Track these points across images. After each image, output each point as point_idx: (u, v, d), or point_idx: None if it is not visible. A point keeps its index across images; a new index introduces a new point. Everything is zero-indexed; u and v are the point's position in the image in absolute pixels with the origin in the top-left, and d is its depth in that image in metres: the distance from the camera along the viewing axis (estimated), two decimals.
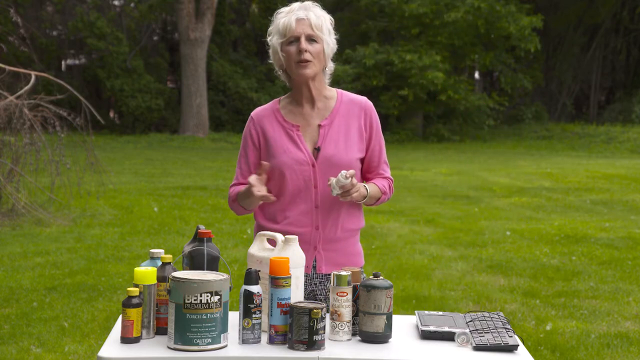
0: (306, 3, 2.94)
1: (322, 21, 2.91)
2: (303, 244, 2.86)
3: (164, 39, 32.03)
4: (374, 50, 26.59)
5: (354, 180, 2.78)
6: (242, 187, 2.96)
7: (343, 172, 2.76)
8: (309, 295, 2.96)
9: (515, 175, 16.15)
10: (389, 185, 3.05)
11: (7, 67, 9.94)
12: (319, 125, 2.96)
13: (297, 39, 2.88)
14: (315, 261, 2.96)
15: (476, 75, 34.13)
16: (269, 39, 2.97)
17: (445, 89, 26.40)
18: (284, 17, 2.91)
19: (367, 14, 28.66)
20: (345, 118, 2.98)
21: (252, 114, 3.05)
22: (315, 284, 2.97)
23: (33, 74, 10.11)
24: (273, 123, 2.98)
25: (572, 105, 33.69)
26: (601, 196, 12.92)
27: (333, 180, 2.79)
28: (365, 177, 3.05)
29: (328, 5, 29.61)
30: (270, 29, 2.97)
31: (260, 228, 2.97)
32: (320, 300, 2.95)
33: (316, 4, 2.97)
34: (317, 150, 2.93)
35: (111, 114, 29.11)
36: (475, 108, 27.89)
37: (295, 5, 2.93)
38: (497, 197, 12.69)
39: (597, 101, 34.12)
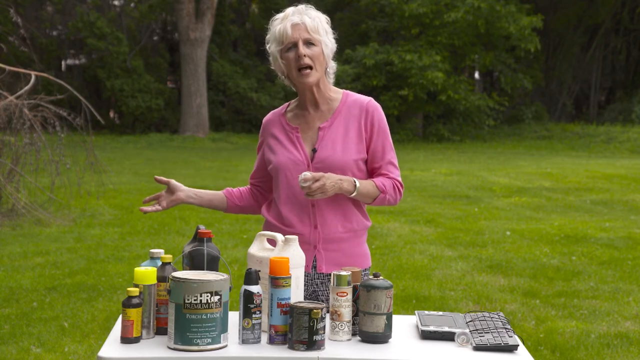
0: (300, 7, 2.93)
1: (318, 22, 2.90)
2: (303, 243, 2.86)
3: (164, 39, 32.01)
4: (374, 50, 26.57)
5: (317, 184, 2.76)
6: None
7: (300, 175, 2.78)
8: (311, 295, 2.96)
9: (515, 175, 16.14)
10: (393, 186, 2.96)
11: (7, 67, 9.93)
12: (319, 128, 2.98)
13: (294, 45, 2.89)
14: (315, 261, 2.95)
15: (476, 75, 34.09)
16: (267, 46, 2.98)
17: (445, 89, 26.38)
18: (279, 24, 2.91)
19: (367, 14, 28.65)
20: (346, 119, 2.98)
21: (263, 119, 3.14)
22: (317, 284, 2.97)
23: (33, 74, 10.10)
24: (278, 127, 3.04)
25: (572, 105, 33.67)
26: (601, 196, 12.92)
27: (301, 176, 2.79)
28: (369, 177, 3.02)
29: (328, 5, 29.58)
30: (267, 36, 2.97)
31: (268, 225, 3.01)
32: (322, 300, 2.94)
33: (310, 5, 2.96)
34: (314, 152, 2.95)
35: (111, 114, 29.10)
36: (475, 108, 27.86)
37: (290, 10, 2.92)
38: (497, 197, 12.68)
39: (597, 101, 34.09)
